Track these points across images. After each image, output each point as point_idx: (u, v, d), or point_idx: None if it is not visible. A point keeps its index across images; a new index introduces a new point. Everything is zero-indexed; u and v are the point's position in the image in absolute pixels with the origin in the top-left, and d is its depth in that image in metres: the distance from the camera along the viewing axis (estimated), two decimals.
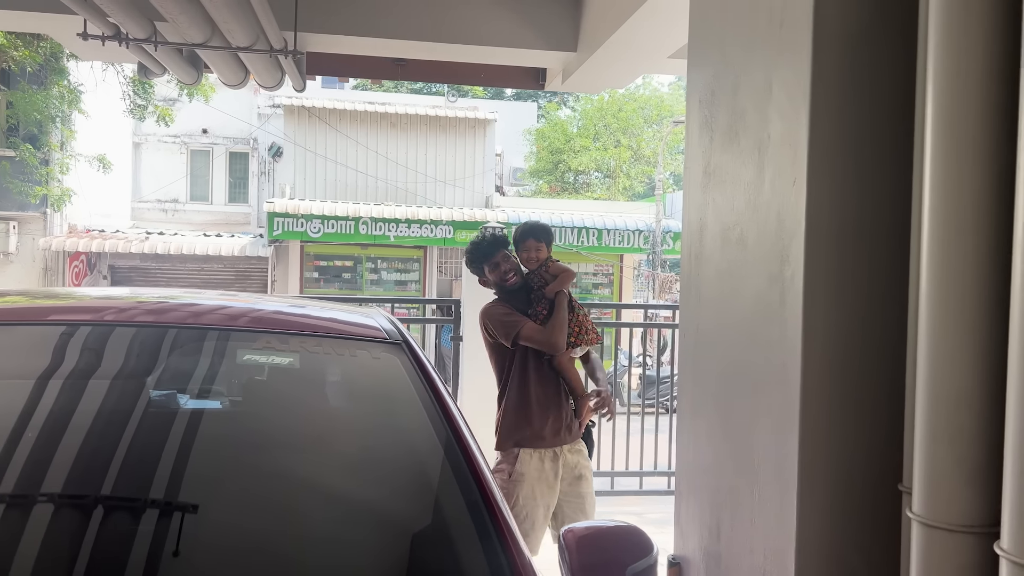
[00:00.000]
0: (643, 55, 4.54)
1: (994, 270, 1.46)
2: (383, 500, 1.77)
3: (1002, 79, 1.45)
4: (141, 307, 2.34)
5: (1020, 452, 1.32)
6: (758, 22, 2.16)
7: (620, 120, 21.98)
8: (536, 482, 3.14)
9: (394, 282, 14.41)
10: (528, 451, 3.16)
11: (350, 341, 2.22)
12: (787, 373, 1.95)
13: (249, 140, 17.49)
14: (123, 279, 14.20)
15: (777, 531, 1.98)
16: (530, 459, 3.15)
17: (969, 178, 1.49)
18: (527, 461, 3.15)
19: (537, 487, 3.14)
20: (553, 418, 3.20)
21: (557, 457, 3.19)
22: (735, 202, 2.27)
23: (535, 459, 3.16)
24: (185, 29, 3.65)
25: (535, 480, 3.14)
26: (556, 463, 3.19)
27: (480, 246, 3.36)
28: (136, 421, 1.82)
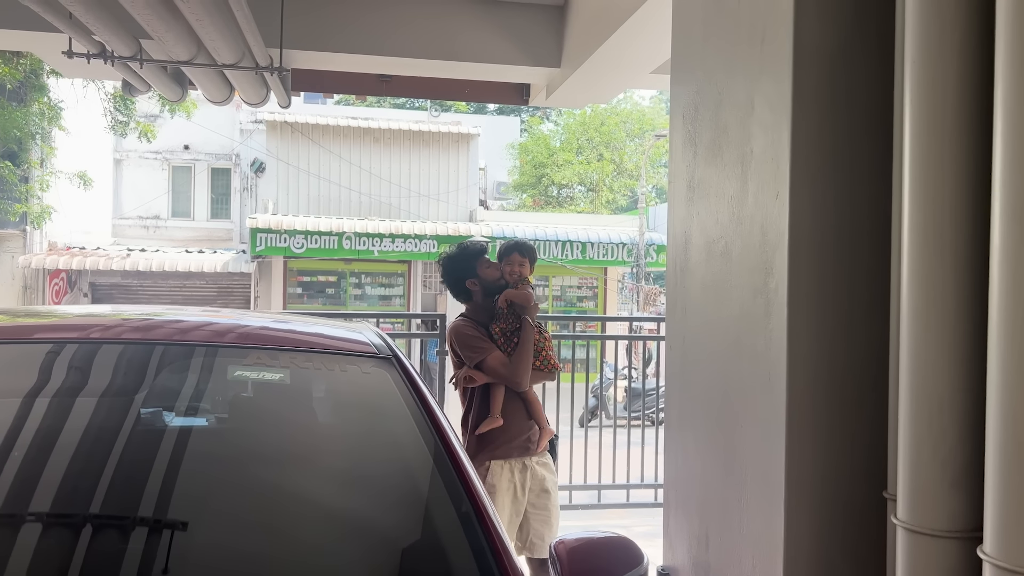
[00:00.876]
0: (626, 70, 4.60)
1: (972, 278, 1.50)
2: (376, 515, 1.77)
3: (977, 93, 1.50)
4: (128, 324, 2.33)
5: (1001, 457, 1.35)
6: (740, 39, 2.21)
7: (602, 134, 22.11)
8: (505, 493, 3.15)
9: (378, 297, 14.38)
10: (499, 462, 3.17)
11: (340, 356, 2.22)
12: (773, 384, 1.98)
13: (231, 156, 17.43)
14: (104, 296, 14.08)
15: (765, 540, 2.00)
16: (501, 470, 3.16)
17: (947, 188, 1.52)
18: (498, 472, 3.16)
19: (506, 498, 3.16)
20: (520, 429, 3.22)
21: (526, 468, 3.21)
22: (719, 216, 2.31)
23: (506, 470, 3.17)
24: (171, 47, 3.65)
25: (504, 491, 3.16)
26: (524, 474, 3.21)
27: (468, 248, 3.38)
28: (125, 439, 1.82)
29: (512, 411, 3.21)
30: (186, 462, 1.80)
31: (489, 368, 3.18)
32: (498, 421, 3.18)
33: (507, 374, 3.17)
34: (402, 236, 13.50)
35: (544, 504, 3.24)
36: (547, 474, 3.28)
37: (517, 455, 3.19)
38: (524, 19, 4.91)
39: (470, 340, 3.22)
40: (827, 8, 1.93)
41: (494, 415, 3.18)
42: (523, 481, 3.20)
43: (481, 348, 3.20)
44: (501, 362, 3.18)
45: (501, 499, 3.14)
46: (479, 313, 3.36)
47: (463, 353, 3.23)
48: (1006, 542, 1.34)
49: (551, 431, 3.31)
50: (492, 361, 3.18)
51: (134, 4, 3.03)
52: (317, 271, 14.09)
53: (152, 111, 14.41)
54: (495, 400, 3.20)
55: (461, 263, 3.37)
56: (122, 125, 12.69)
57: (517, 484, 3.18)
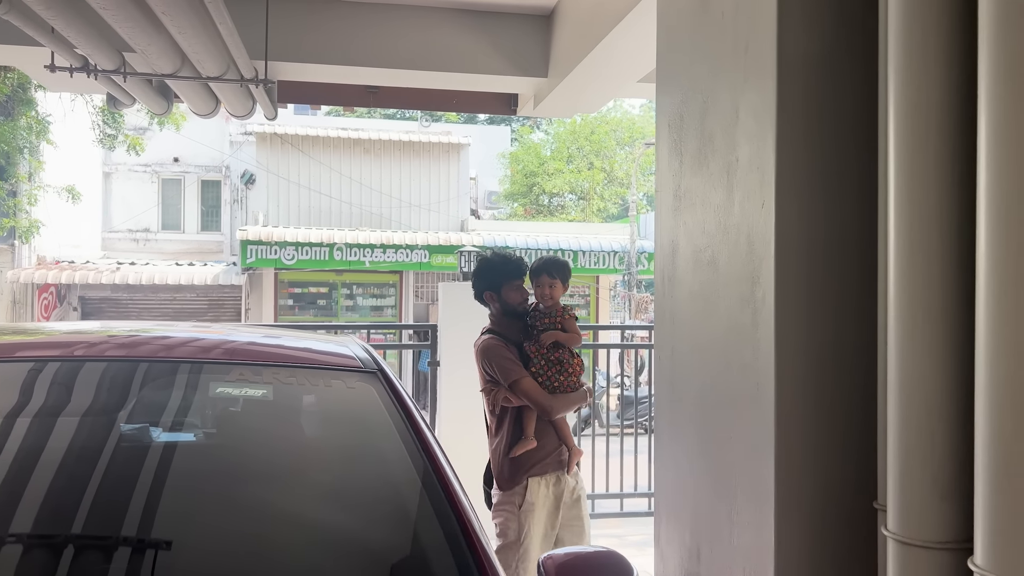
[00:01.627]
0: (613, 80, 4.60)
1: (960, 288, 1.49)
2: (362, 532, 1.75)
3: (960, 100, 1.49)
4: (110, 342, 2.31)
5: (990, 468, 1.34)
6: (724, 47, 2.20)
7: (593, 143, 22.18)
8: (541, 509, 3.12)
9: (370, 308, 14.34)
10: (536, 479, 3.12)
11: (324, 371, 2.20)
12: (761, 394, 1.96)
13: (221, 168, 17.39)
14: (94, 311, 14.00)
15: (756, 552, 1.98)
16: (538, 487, 3.12)
17: (932, 196, 1.52)
18: (536, 490, 3.11)
19: (542, 514, 3.12)
20: (552, 447, 3.17)
21: (560, 481, 3.17)
22: (706, 225, 2.30)
23: (542, 486, 3.13)
24: (154, 60, 3.63)
25: (541, 507, 3.12)
26: (560, 487, 3.17)
27: (513, 263, 3.29)
28: (107, 457, 1.80)
29: (542, 432, 3.17)
30: (168, 480, 1.78)
31: (523, 390, 3.11)
32: (532, 443, 3.12)
33: (543, 403, 3.11)
34: (393, 246, 13.48)
35: (577, 515, 3.22)
36: (578, 482, 3.27)
37: (552, 470, 3.15)
38: (511, 29, 4.91)
39: (503, 360, 3.14)
40: (810, 17, 1.93)
41: (528, 437, 3.13)
42: (559, 494, 3.16)
43: (516, 370, 3.13)
44: (537, 389, 3.12)
45: (537, 515, 3.10)
46: (504, 327, 3.28)
47: (496, 371, 3.15)
48: (997, 553, 1.33)
49: (580, 451, 3.27)
50: (527, 384, 3.12)
51: (116, 17, 3.01)
52: (308, 282, 14.04)
53: (141, 124, 14.37)
54: (528, 422, 3.15)
55: (490, 274, 3.29)
56: (110, 138, 12.66)
57: (552, 498, 3.15)
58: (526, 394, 3.10)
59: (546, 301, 3.23)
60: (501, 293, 3.25)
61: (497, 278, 3.26)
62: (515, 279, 3.25)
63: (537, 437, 3.14)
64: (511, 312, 3.26)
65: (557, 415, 3.14)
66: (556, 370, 3.16)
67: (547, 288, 3.21)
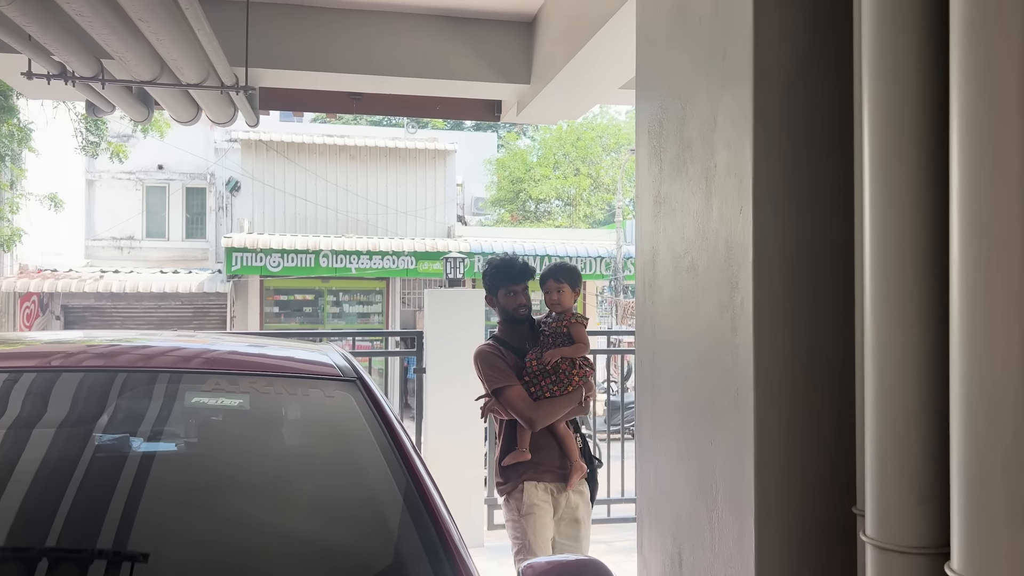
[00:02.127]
0: (594, 87, 4.61)
1: (934, 293, 1.49)
2: (339, 542, 1.74)
3: (934, 107, 1.50)
4: (88, 351, 2.29)
5: (966, 472, 1.34)
6: (701, 53, 2.20)
7: (579, 149, 22.23)
8: (545, 514, 3.03)
9: (357, 315, 14.29)
10: (532, 483, 3.04)
11: (303, 380, 2.19)
12: (741, 399, 1.96)
13: (206, 175, 17.31)
14: (77, 319, 13.88)
15: (737, 559, 1.98)
16: (536, 490, 3.04)
17: (906, 202, 1.52)
18: (533, 492, 3.03)
19: (547, 519, 3.04)
20: (553, 461, 3.08)
21: (559, 491, 3.08)
22: (685, 231, 2.30)
23: (540, 490, 3.05)
24: (133, 67, 3.61)
25: (544, 512, 3.03)
26: (559, 499, 3.08)
27: (512, 267, 3.22)
28: (83, 469, 1.78)
29: (544, 446, 3.08)
30: (144, 492, 1.76)
31: (507, 401, 3.04)
32: (525, 455, 3.04)
33: (526, 414, 3.02)
34: (380, 253, 13.44)
35: (574, 535, 3.11)
36: (580, 502, 3.14)
37: (550, 479, 3.07)
38: (493, 36, 4.92)
39: (493, 368, 3.09)
40: (786, 25, 1.94)
41: (520, 449, 3.05)
42: (556, 504, 3.08)
43: (503, 379, 3.05)
44: (523, 400, 3.03)
45: (542, 519, 3.01)
46: (507, 334, 3.23)
47: (484, 376, 3.11)
48: (973, 558, 1.33)
49: (583, 467, 3.13)
50: (512, 395, 3.03)
51: (92, 24, 2.98)
52: (294, 290, 13.98)
53: (124, 131, 14.29)
54: (522, 434, 3.06)
55: (489, 278, 3.26)
56: (93, 146, 12.57)
57: (550, 507, 3.06)
58: (509, 404, 3.04)
59: (555, 307, 3.14)
60: (498, 297, 3.22)
61: (494, 283, 3.22)
62: (510, 284, 3.18)
63: (536, 449, 3.05)
64: (509, 318, 3.22)
65: (541, 426, 3.03)
66: (550, 380, 3.06)
67: (555, 294, 3.14)
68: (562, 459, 3.09)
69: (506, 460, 3.08)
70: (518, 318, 3.21)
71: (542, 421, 3.03)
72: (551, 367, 3.06)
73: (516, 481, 3.05)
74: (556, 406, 3.06)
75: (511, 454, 3.07)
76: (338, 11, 4.73)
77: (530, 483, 3.04)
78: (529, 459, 3.04)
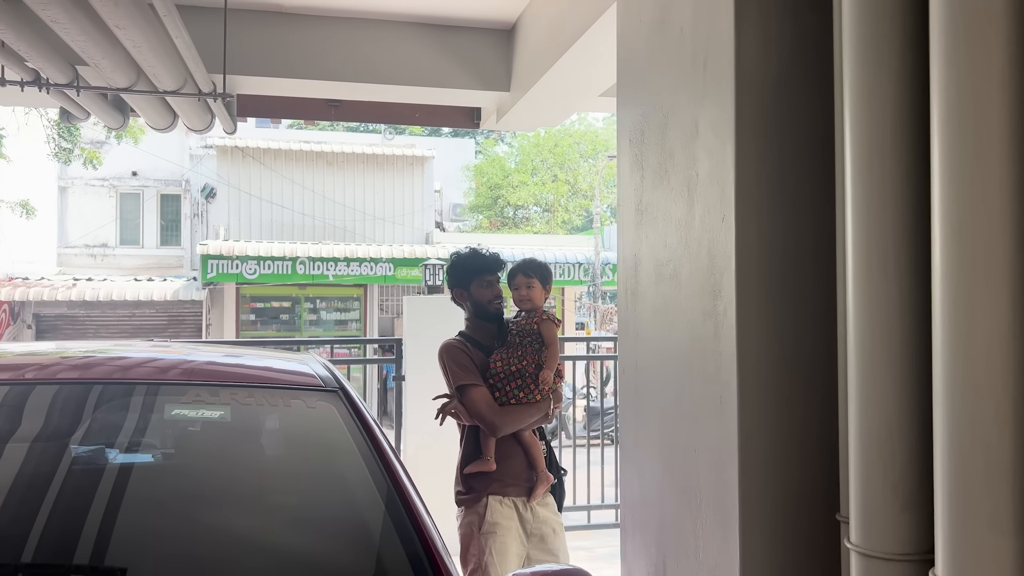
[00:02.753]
0: (574, 94, 4.62)
1: (917, 301, 1.50)
2: (322, 554, 1.72)
3: (914, 115, 1.51)
4: (64, 363, 2.25)
5: (950, 479, 1.35)
6: (683, 64, 2.22)
7: (556, 155, 22.30)
8: (507, 532, 2.83)
9: (334, 322, 14.20)
10: (497, 498, 2.84)
11: (284, 390, 2.17)
12: (724, 406, 1.97)
13: (181, 182, 17.15)
14: (49, 328, 13.66)
15: (722, 566, 1.98)
16: (500, 506, 2.84)
17: (888, 210, 1.53)
18: (497, 509, 2.83)
19: (509, 538, 2.83)
20: (520, 474, 2.90)
21: (526, 507, 2.89)
22: (667, 239, 2.30)
23: (505, 506, 2.85)
24: (108, 74, 3.56)
25: (506, 531, 2.82)
26: (526, 513, 2.88)
27: (485, 257, 3.04)
28: (59, 484, 1.75)
29: (510, 455, 2.89)
30: (122, 506, 1.74)
31: (471, 401, 2.84)
32: (490, 465, 2.84)
33: (488, 418, 2.83)
34: (357, 260, 13.38)
35: (549, 549, 2.91)
36: (550, 515, 2.95)
37: (515, 493, 2.87)
38: (473, 43, 4.92)
39: (455, 365, 2.90)
40: (767, 34, 1.95)
41: (485, 457, 2.86)
42: (526, 520, 2.88)
43: (469, 378, 2.87)
44: (487, 403, 2.84)
45: (503, 539, 2.81)
46: (477, 331, 3.04)
47: (450, 373, 2.92)
48: (958, 564, 1.34)
49: (550, 477, 2.95)
50: (476, 396, 2.84)
51: (68, 31, 2.94)
52: (271, 297, 13.87)
53: (98, 137, 14.12)
54: (486, 441, 2.88)
55: (459, 270, 3.05)
56: (66, 152, 12.40)
57: (519, 523, 2.87)
58: (472, 405, 2.84)
59: (525, 304, 3.00)
60: (471, 290, 3.01)
61: (466, 274, 3.02)
62: (485, 274, 3.00)
63: (502, 458, 2.87)
64: (482, 312, 3.02)
65: (504, 433, 2.85)
66: (516, 385, 2.89)
67: (524, 289, 2.99)
68: (528, 470, 2.92)
69: (469, 468, 2.88)
70: (491, 312, 3.03)
71: (505, 428, 2.85)
72: (516, 371, 2.90)
73: (479, 494, 2.86)
74: (522, 414, 2.88)
75: (475, 462, 2.88)
76: (316, 18, 4.71)
77: (494, 498, 2.84)
78: (494, 469, 2.85)
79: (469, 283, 3.01)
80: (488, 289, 3.01)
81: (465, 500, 2.90)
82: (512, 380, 2.90)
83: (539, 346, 2.95)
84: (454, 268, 3.07)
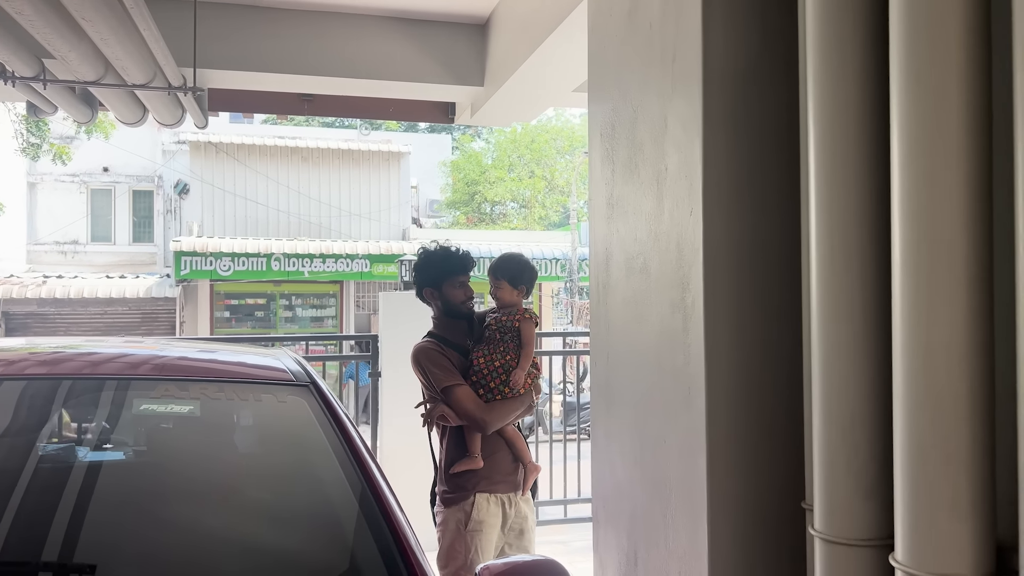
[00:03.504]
0: (547, 89, 4.63)
1: (878, 293, 1.53)
2: (294, 550, 1.72)
3: (875, 112, 1.54)
4: (31, 359, 2.23)
5: (908, 467, 1.38)
6: (652, 58, 2.23)
7: (533, 151, 22.31)
8: (492, 530, 2.84)
9: (310, 319, 14.12)
10: (484, 496, 2.84)
11: (254, 385, 2.16)
12: (692, 398, 1.99)
13: (153, 177, 16.95)
14: (19, 327, 13.45)
15: (691, 555, 2.01)
16: (487, 504, 2.84)
17: (850, 203, 1.56)
18: (484, 507, 2.83)
19: (493, 535, 2.84)
20: (507, 468, 2.90)
21: (511, 503, 2.90)
22: (638, 232, 2.32)
23: (492, 503, 2.85)
24: (76, 67, 3.51)
25: (492, 528, 2.84)
26: (510, 509, 2.90)
27: (457, 256, 2.99)
28: (26, 481, 1.73)
29: (495, 449, 2.88)
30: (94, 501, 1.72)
31: (457, 400, 2.81)
32: (477, 463, 2.83)
33: (476, 416, 2.81)
34: (333, 256, 13.31)
35: (522, 545, 2.94)
36: (528, 512, 2.96)
37: (503, 490, 2.88)
38: (446, 37, 4.91)
39: (435, 368, 2.87)
40: (735, 30, 1.97)
41: (472, 455, 2.84)
42: (506, 516, 2.89)
43: (450, 378, 2.84)
44: (472, 400, 2.83)
45: (488, 536, 2.81)
46: (446, 329, 3.00)
47: (430, 376, 2.88)
48: (915, 549, 1.37)
49: (538, 467, 2.96)
50: (461, 395, 2.82)
51: (33, 23, 2.90)
52: (245, 294, 13.75)
53: (67, 133, 13.92)
54: (472, 438, 2.85)
55: (430, 269, 2.99)
56: (35, 148, 12.20)
57: (500, 520, 2.88)
58: (458, 404, 2.82)
59: (498, 302, 2.99)
60: (442, 290, 2.96)
61: (438, 274, 2.97)
62: (458, 275, 2.96)
63: (488, 454, 2.86)
64: (453, 312, 2.97)
65: (494, 428, 2.85)
66: (500, 380, 2.89)
67: (493, 289, 2.98)
68: (514, 464, 2.92)
69: (456, 467, 2.85)
70: (463, 312, 2.99)
71: (495, 424, 2.84)
72: (499, 366, 2.89)
73: (467, 492, 2.84)
74: (508, 408, 2.88)
75: (461, 461, 2.85)
76: (288, 12, 4.68)
77: (482, 496, 2.83)
78: (482, 466, 2.84)
79: (441, 283, 2.97)
80: (461, 290, 2.97)
81: (452, 498, 2.86)
82: (496, 376, 2.90)
83: (520, 343, 2.95)
84: (424, 266, 3.01)
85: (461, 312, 2.99)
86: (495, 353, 2.92)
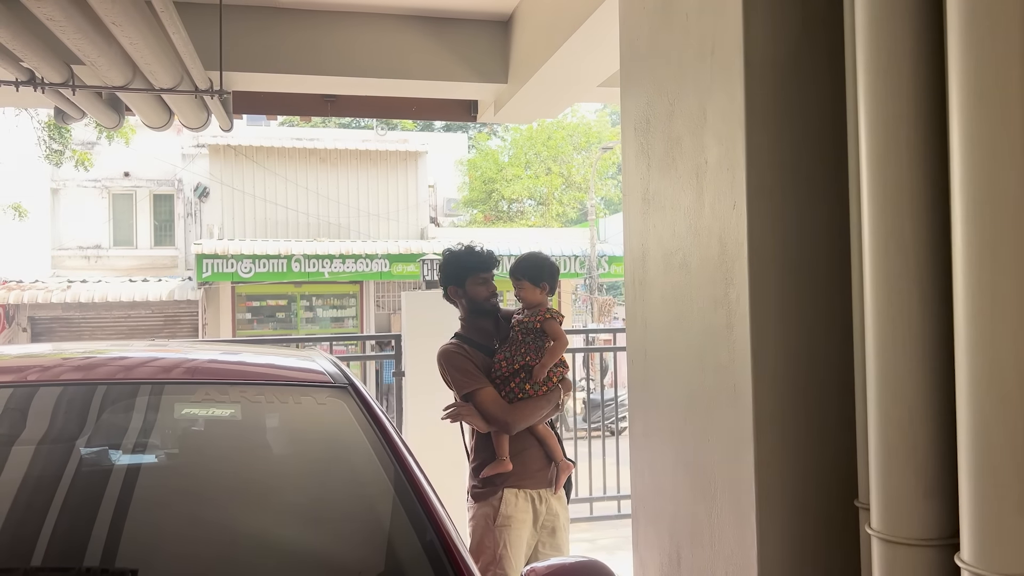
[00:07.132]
0: (573, 85, 4.60)
1: (936, 284, 1.49)
2: (339, 552, 1.71)
3: (930, 99, 1.50)
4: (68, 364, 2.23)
5: (974, 463, 1.34)
6: (689, 51, 2.20)
7: (550, 148, 22.24)
8: (522, 525, 2.83)
9: (330, 319, 14.17)
10: (513, 491, 2.84)
11: (293, 387, 2.15)
12: (738, 395, 1.95)
13: (174, 181, 17.07)
14: (44, 331, 13.59)
15: (738, 556, 1.97)
16: (516, 500, 2.84)
17: (905, 194, 1.52)
18: (512, 502, 2.83)
19: (523, 531, 2.84)
20: (535, 458, 2.90)
21: (542, 499, 2.89)
22: (676, 227, 2.29)
23: (521, 499, 2.85)
24: (104, 72, 3.52)
25: (522, 522, 2.83)
26: (541, 506, 2.89)
27: (480, 254, 3.02)
28: (67, 485, 1.73)
29: (525, 446, 2.88)
30: (134, 506, 1.72)
31: (479, 403, 2.83)
32: (506, 466, 2.83)
33: (500, 418, 2.81)
34: (353, 256, 13.34)
35: (555, 543, 2.93)
36: (561, 510, 2.96)
37: (532, 486, 2.87)
38: (469, 35, 4.89)
39: (461, 369, 2.88)
40: (776, 19, 1.93)
41: (500, 458, 2.84)
42: (538, 512, 2.88)
43: (473, 381, 2.85)
44: (496, 402, 2.83)
45: (518, 531, 2.81)
46: (472, 329, 3.02)
47: (452, 381, 2.91)
48: (983, 549, 1.33)
49: (570, 465, 2.95)
50: (485, 397, 2.83)
51: (64, 29, 2.91)
52: (266, 295, 13.82)
53: (89, 139, 14.03)
54: (500, 442, 2.85)
55: (453, 268, 3.03)
56: (57, 154, 12.32)
57: (531, 516, 2.87)
58: (481, 408, 2.83)
59: (522, 302, 3.00)
60: (466, 288, 3.00)
61: (461, 272, 3.00)
62: (480, 272, 2.99)
63: (517, 451, 2.85)
64: (478, 309, 3.00)
65: (518, 429, 2.84)
66: (521, 379, 2.89)
67: (517, 291, 3.00)
68: (544, 460, 2.91)
69: (485, 472, 2.86)
70: (488, 309, 3.01)
71: (518, 424, 2.84)
72: (521, 365, 2.88)
73: (495, 488, 2.85)
74: (533, 408, 2.87)
75: (491, 465, 2.85)
76: (312, 13, 4.67)
77: (510, 491, 2.84)
78: (511, 469, 2.84)
79: (464, 281, 3.01)
80: (483, 287, 3.01)
81: (481, 493, 2.89)
82: (516, 376, 2.91)
83: (543, 343, 2.95)
84: (448, 265, 3.06)
85: (485, 309, 3.03)
86: (516, 354, 2.93)
